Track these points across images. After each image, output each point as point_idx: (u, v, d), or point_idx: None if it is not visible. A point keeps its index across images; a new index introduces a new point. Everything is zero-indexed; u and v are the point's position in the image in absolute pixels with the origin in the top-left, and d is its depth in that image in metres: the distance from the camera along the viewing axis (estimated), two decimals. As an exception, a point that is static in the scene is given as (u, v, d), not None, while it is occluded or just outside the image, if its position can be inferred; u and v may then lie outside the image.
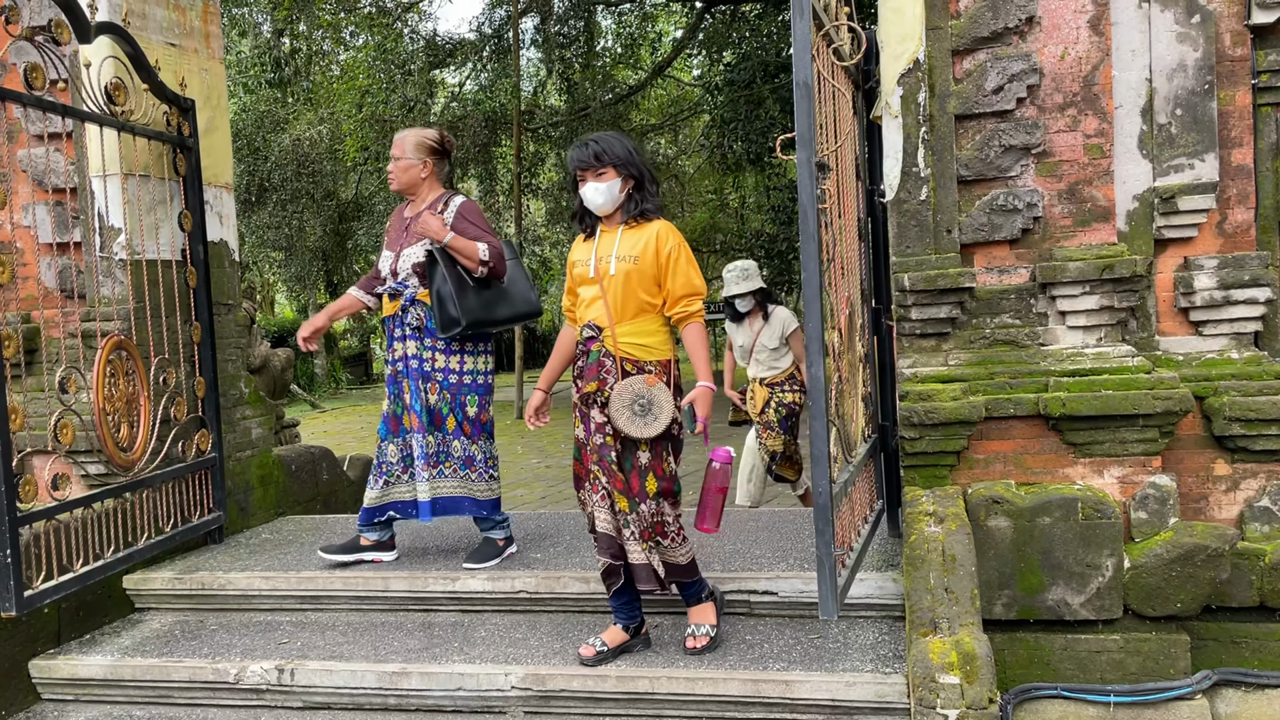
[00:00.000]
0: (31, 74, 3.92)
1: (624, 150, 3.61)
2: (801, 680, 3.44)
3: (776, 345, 6.23)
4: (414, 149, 4.44)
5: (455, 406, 4.42)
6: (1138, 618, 3.81)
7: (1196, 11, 3.94)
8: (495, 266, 4.32)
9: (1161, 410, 3.75)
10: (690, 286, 3.58)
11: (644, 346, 3.61)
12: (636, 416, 3.52)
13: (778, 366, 6.26)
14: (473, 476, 4.46)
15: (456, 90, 19.38)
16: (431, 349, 4.40)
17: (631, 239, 3.60)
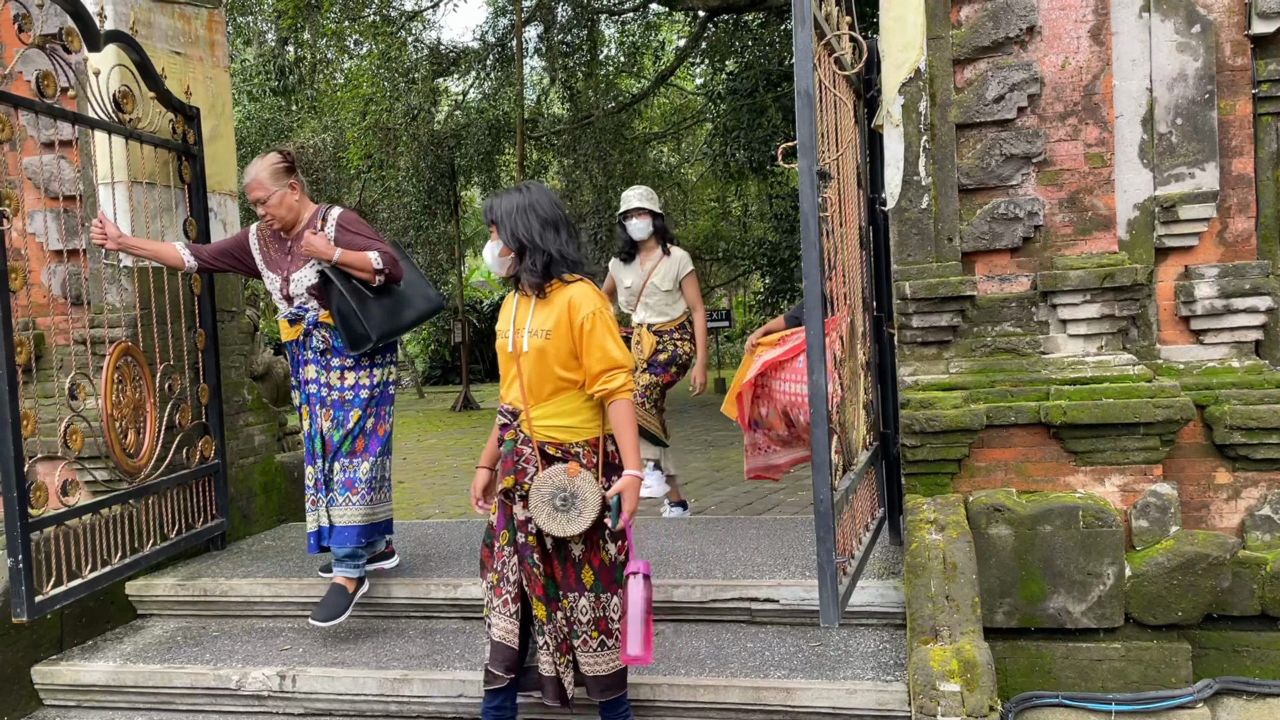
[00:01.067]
0: (43, 82, 3.95)
1: (505, 210, 3.22)
2: (802, 688, 3.46)
3: (670, 287, 5.71)
4: (272, 179, 4.16)
5: (358, 422, 4.21)
6: (1139, 626, 3.82)
7: (1197, 21, 3.96)
8: (391, 271, 4.14)
9: (1162, 419, 3.76)
10: (608, 360, 3.14)
11: (567, 428, 3.23)
12: (558, 512, 3.15)
13: (669, 313, 5.75)
14: (353, 500, 4.21)
15: (460, 98, 19.44)
16: (339, 368, 4.22)
17: (544, 311, 3.20)
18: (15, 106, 3.84)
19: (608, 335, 3.15)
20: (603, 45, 18.34)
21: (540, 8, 16.29)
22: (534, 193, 3.24)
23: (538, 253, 3.17)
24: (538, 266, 3.17)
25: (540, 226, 3.18)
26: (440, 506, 8.81)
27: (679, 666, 3.66)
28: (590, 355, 3.14)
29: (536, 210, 3.20)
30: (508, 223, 3.20)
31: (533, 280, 3.20)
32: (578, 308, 3.14)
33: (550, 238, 3.18)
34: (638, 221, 5.67)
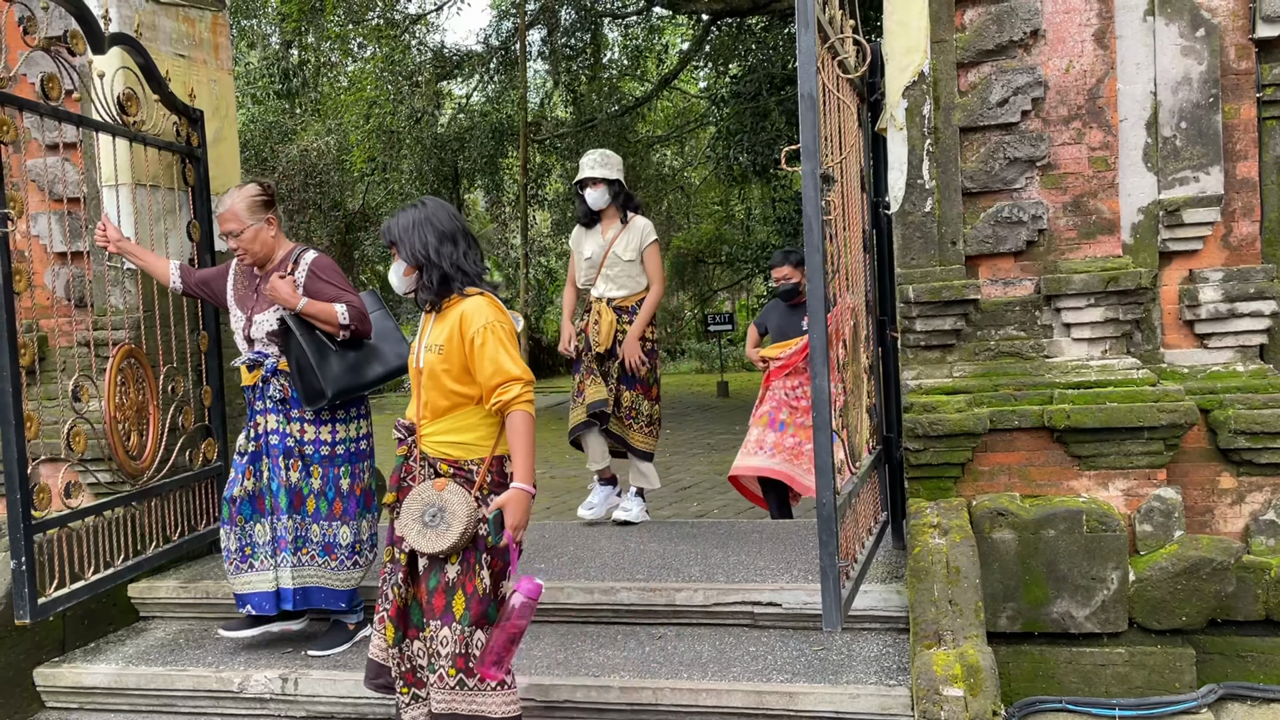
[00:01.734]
0: (47, 84, 3.96)
1: (402, 227, 3.15)
2: (805, 692, 3.45)
3: (633, 257, 5.28)
4: (248, 212, 4.02)
5: (327, 482, 4.05)
6: (1143, 631, 3.81)
7: (1201, 25, 3.95)
8: (358, 327, 3.96)
9: (1166, 423, 3.75)
10: (502, 372, 3.03)
11: (462, 444, 3.13)
12: (426, 528, 3.03)
13: (631, 286, 5.30)
14: (331, 564, 4.05)
15: (463, 102, 19.48)
16: (299, 420, 4.04)
17: (440, 326, 3.14)
18: (19, 109, 3.85)
19: (500, 348, 3.03)
20: (606, 49, 18.37)
21: (544, 11, 16.31)
22: (429, 208, 3.17)
23: (433, 268, 3.11)
24: (433, 282, 3.12)
25: (436, 241, 3.11)
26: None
27: (681, 670, 3.65)
28: (482, 370, 3.04)
29: (433, 224, 3.13)
30: (406, 240, 3.13)
31: (426, 296, 3.15)
32: (469, 321, 3.06)
33: (446, 252, 3.11)
34: (593, 192, 5.27)
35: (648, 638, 3.99)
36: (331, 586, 4.06)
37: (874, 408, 4.28)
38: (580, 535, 5.15)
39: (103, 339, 4.63)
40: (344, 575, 4.07)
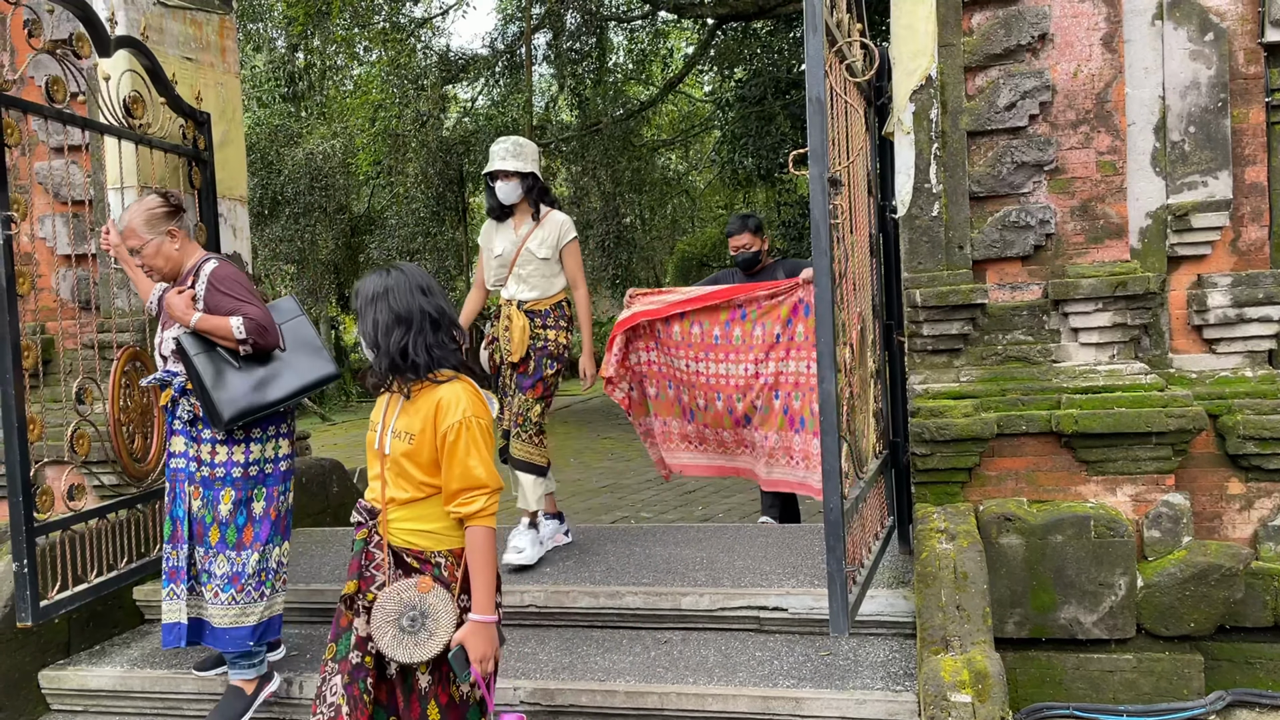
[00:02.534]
0: (53, 87, 3.96)
1: (362, 299, 2.80)
2: (812, 697, 3.43)
3: (549, 255, 4.73)
4: (147, 226, 3.73)
5: (237, 506, 3.71)
6: (1151, 637, 3.79)
7: (1210, 29, 3.94)
8: (260, 340, 3.65)
9: (1175, 428, 3.74)
10: (468, 478, 2.69)
11: (429, 533, 2.79)
12: (404, 634, 2.68)
13: (545, 289, 4.75)
14: (240, 597, 3.68)
15: (469, 105, 19.49)
16: (210, 441, 3.70)
17: (410, 413, 2.78)
18: (24, 111, 3.85)
19: (473, 449, 2.69)
20: (611, 53, 18.37)
21: (549, 15, 16.32)
22: (392, 281, 2.77)
23: (381, 354, 2.74)
24: (380, 368, 2.77)
25: (388, 323, 2.73)
26: (447, 513, 8.79)
27: (687, 675, 3.64)
28: (450, 471, 2.71)
29: (390, 302, 2.75)
30: (361, 315, 2.79)
31: (373, 381, 2.83)
32: (446, 412, 2.71)
33: (396, 337, 2.72)
34: (504, 185, 4.70)
35: (653, 642, 3.98)
36: (240, 623, 3.67)
37: (880, 412, 4.27)
38: (585, 538, 5.14)
39: (108, 341, 4.63)
40: (248, 609, 3.69)
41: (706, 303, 5.22)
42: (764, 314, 5.07)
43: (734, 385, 5.20)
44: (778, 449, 5.10)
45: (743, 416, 5.21)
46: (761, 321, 5.08)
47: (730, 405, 5.21)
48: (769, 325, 5.06)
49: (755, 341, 5.09)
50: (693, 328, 5.27)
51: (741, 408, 5.19)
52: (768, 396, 5.10)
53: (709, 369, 5.25)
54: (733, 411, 5.22)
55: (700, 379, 5.27)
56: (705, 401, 5.28)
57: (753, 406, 5.15)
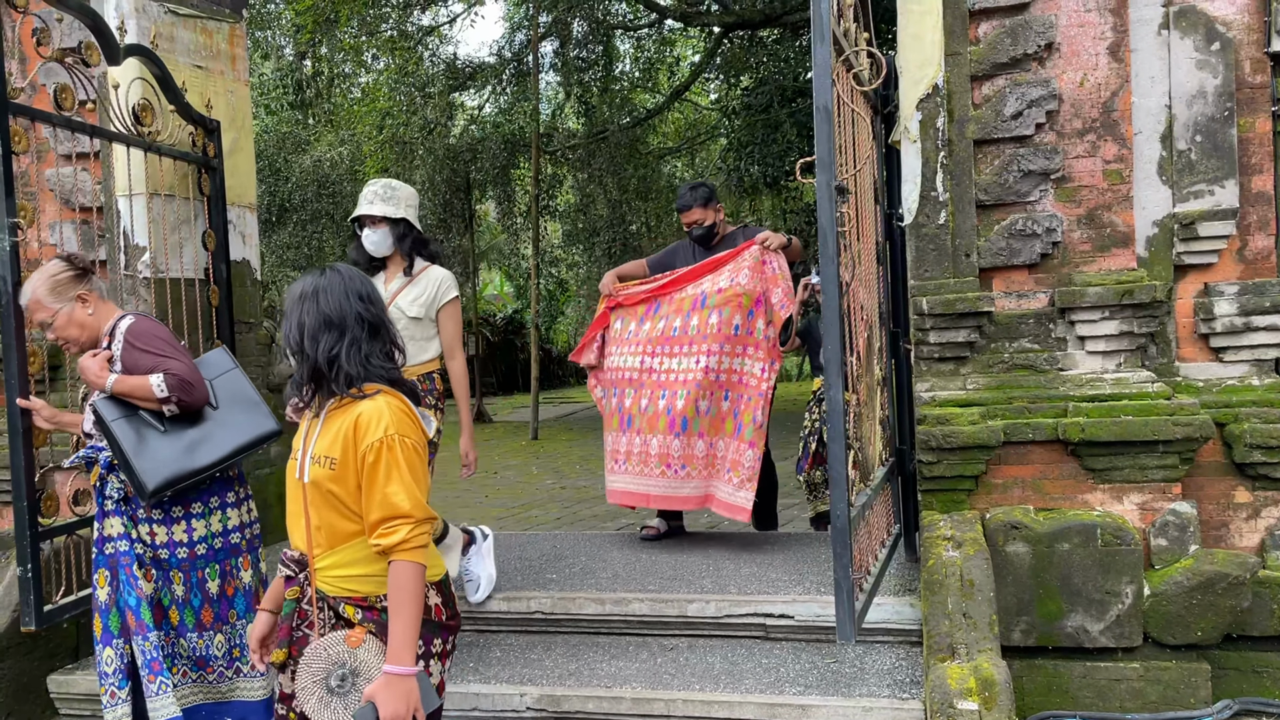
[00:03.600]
0: (61, 95, 3.98)
1: (289, 300, 2.49)
2: (818, 705, 3.43)
3: (421, 314, 4.13)
4: (52, 295, 3.35)
5: (190, 587, 3.38)
6: (1158, 646, 3.78)
7: (1216, 39, 3.95)
8: (185, 397, 3.27)
9: (1182, 437, 3.73)
10: (388, 506, 2.33)
11: (369, 577, 2.42)
12: (332, 696, 2.34)
13: (418, 355, 4.13)
14: (209, 678, 3.42)
15: (476, 113, 19.54)
16: (147, 521, 3.35)
17: (330, 432, 2.42)
18: (33, 119, 3.88)
19: (395, 472, 2.33)
20: (618, 60, 18.41)
21: (556, 23, 16.37)
22: (327, 281, 2.46)
23: (304, 360, 2.43)
24: (303, 377, 2.45)
25: (316, 325, 2.42)
26: (453, 519, 8.81)
27: (693, 682, 3.64)
28: (370, 497, 2.35)
29: (320, 303, 2.43)
30: (287, 317, 2.48)
31: (294, 394, 2.50)
32: (364, 430, 2.36)
33: (326, 343, 2.41)
34: (372, 233, 4.15)
35: (659, 649, 3.98)
36: (235, 698, 3.43)
37: (887, 420, 4.28)
38: (591, 545, 5.14)
39: (117, 347, 4.64)
40: (222, 687, 3.43)
41: (678, 286, 4.92)
42: (725, 301, 4.70)
43: (681, 381, 4.75)
44: (724, 460, 4.71)
45: (679, 419, 4.69)
46: (720, 309, 4.70)
47: (671, 404, 4.73)
48: (727, 313, 4.68)
49: (711, 330, 4.69)
50: (658, 322, 4.93)
51: (681, 406, 4.68)
52: (717, 397, 4.69)
53: (662, 364, 4.84)
54: (670, 411, 4.71)
55: (651, 377, 4.86)
56: (648, 402, 4.82)
57: (694, 409, 4.66)
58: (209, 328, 4.99)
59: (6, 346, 3.64)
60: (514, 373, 29.20)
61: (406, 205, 4.16)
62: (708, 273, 4.89)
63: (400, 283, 4.17)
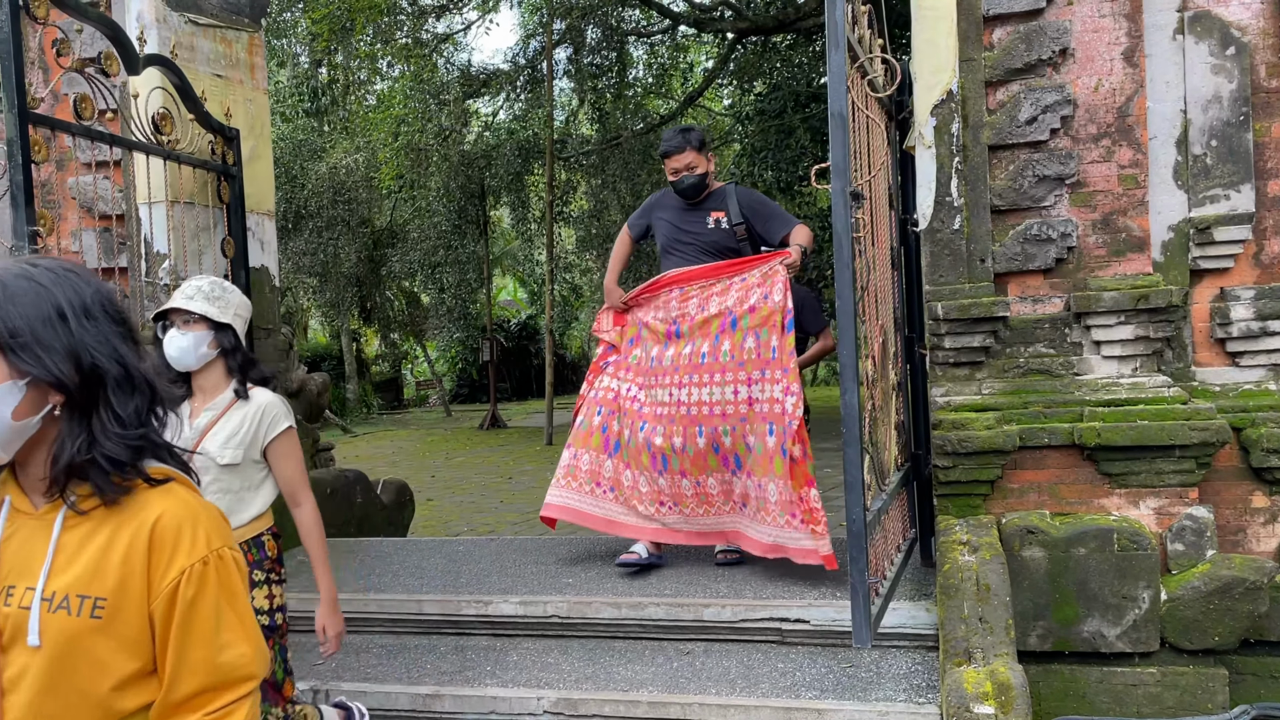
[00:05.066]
0: (81, 104, 4.04)
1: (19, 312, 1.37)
2: (834, 709, 3.44)
3: (239, 460, 3.04)
4: None
5: None
6: (1175, 651, 3.78)
7: (1231, 44, 3.95)
8: None
9: (1198, 441, 3.73)
10: (221, 671, 1.42)
11: None
12: None
13: (239, 512, 3.06)
14: None
15: (490, 119, 19.62)
16: None
17: (90, 550, 1.42)
18: (52, 129, 3.93)
19: (229, 612, 1.44)
20: (631, 67, 18.46)
21: (570, 30, 16.43)
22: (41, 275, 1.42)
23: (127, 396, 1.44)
24: (73, 443, 1.40)
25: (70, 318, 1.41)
26: (469, 524, 8.85)
27: (709, 686, 3.65)
28: (183, 658, 1.41)
29: (70, 302, 1.41)
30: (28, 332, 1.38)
31: (57, 471, 1.40)
32: (168, 549, 1.42)
33: (116, 351, 1.43)
34: (181, 336, 3.03)
35: (675, 653, 4.00)
36: None
37: (902, 424, 4.28)
38: (606, 550, 5.16)
39: (138, 353, 4.70)
40: None
41: (690, 282, 4.46)
42: (763, 321, 4.19)
43: (721, 415, 4.27)
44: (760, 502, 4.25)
45: (730, 457, 4.29)
46: (757, 331, 4.21)
47: (716, 440, 4.29)
48: (765, 335, 4.18)
49: (749, 356, 4.20)
50: (684, 346, 4.41)
51: (729, 444, 4.27)
52: (761, 430, 4.18)
53: (691, 396, 4.33)
54: (719, 450, 4.29)
55: (682, 410, 4.35)
56: (682, 441, 4.35)
57: (744, 445, 4.24)
58: (228, 334, 5.03)
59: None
60: (528, 378, 29.29)
61: (236, 313, 3.11)
62: (722, 275, 4.40)
63: (210, 416, 3.07)
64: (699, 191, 4.58)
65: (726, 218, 4.53)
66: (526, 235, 21.06)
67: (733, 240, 4.53)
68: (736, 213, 4.52)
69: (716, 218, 4.54)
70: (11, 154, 3.63)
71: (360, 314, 25.51)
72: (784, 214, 4.61)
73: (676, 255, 4.60)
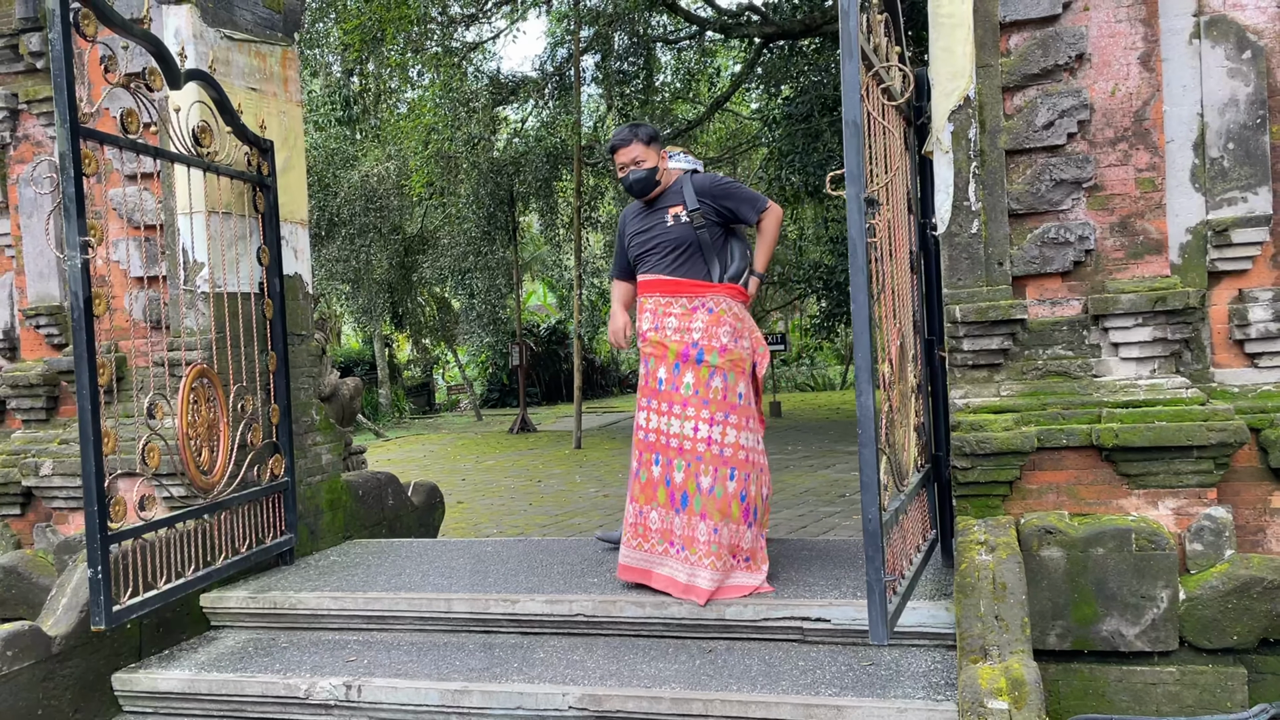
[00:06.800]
0: (127, 119, 4.18)
1: None
2: (853, 706, 3.50)
3: None
4: None
5: None
6: (1194, 650, 3.80)
7: (1248, 47, 3.98)
8: None
9: (1216, 442, 3.76)
10: None
11: None
12: None
13: None
14: None
15: (519, 126, 19.79)
16: None
17: None
18: (101, 142, 4.07)
19: None
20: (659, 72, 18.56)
21: (598, 37, 16.57)
22: None
23: None
24: None
25: None
26: (498, 526, 8.96)
27: (731, 683, 3.73)
28: None
29: None
30: None
31: None
32: None
33: None
34: None
35: (699, 651, 4.07)
36: None
37: (922, 426, 4.34)
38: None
39: (177, 359, 4.85)
40: None
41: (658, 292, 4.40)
42: (732, 364, 4.28)
43: (677, 450, 4.29)
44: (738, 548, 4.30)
45: (678, 494, 4.30)
46: (725, 373, 4.27)
47: (668, 474, 4.31)
48: (731, 379, 4.27)
49: (715, 395, 4.25)
50: (658, 370, 4.38)
51: (680, 479, 4.29)
52: (722, 475, 4.26)
53: (669, 426, 4.32)
54: (670, 483, 4.32)
55: (661, 440, 4.34)
56: (660, 470, 4.34)
57: (694, 484, 4.27)
58: (263, 340, 5.18)
59: (79, 358, 3.82)
60: (557, 383, 29.43)
61: None
62: (683, 294, 4.35)
63: None
64: (648, 188, 4.45)
65: (684, 210, 4.39)
66: (555, 241, 21.19)
67: (693, 233, 4.37)
68: (693, 199, 4.37)
69: (675, 213, 4.40)
70: (64, 167, 3.78)
71: (392, 319, 25.78)
72: (750, 192, 4.49)
73: (647, 262, 4.47)
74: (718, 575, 4.21)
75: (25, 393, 5.41)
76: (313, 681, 4.03)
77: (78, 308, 3.82)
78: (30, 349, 5.55)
